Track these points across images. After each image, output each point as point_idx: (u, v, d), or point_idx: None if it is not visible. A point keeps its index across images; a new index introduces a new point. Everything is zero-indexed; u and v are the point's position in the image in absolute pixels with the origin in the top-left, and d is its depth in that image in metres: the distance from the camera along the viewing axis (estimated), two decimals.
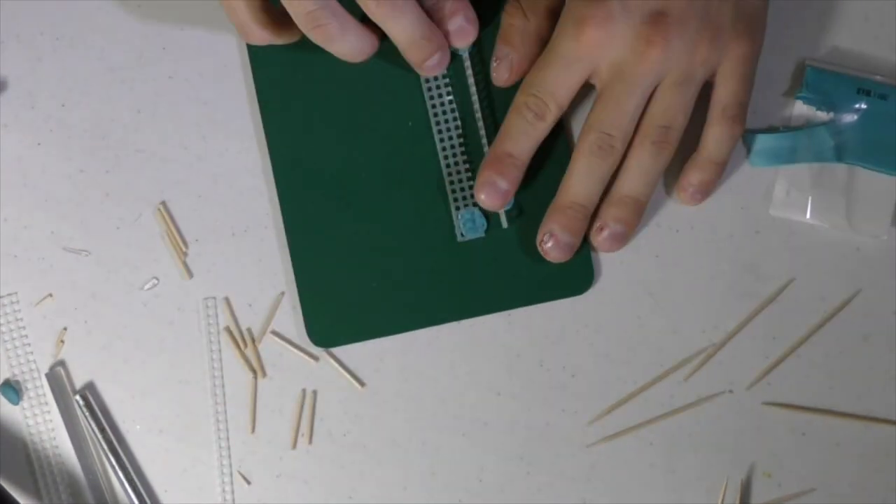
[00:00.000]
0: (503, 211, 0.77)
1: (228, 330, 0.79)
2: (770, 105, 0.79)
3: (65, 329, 0.79)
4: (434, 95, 0.78)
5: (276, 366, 0.79)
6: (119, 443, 0.78)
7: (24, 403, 0.79)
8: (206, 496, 0.78)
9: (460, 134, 0.78)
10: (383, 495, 0.78)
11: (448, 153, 0.78)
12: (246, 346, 0.79)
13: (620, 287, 0.78)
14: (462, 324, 0.78)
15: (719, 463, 0.78)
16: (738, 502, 0.78)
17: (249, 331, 0.79)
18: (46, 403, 0.79)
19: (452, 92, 0.78)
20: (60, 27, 0.79)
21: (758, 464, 0.78)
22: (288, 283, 0.78)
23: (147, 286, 0.79)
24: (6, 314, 0.79)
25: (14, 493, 0.78)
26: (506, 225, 0.77)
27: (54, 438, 0.78)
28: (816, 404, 0.78)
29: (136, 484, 0.78)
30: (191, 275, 0.78)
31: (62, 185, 0.79)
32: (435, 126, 0.78)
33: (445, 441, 0.78)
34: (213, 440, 0.79)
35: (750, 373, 0.78)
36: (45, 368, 0.79)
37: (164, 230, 0.78)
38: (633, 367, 0.78)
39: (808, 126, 0.78)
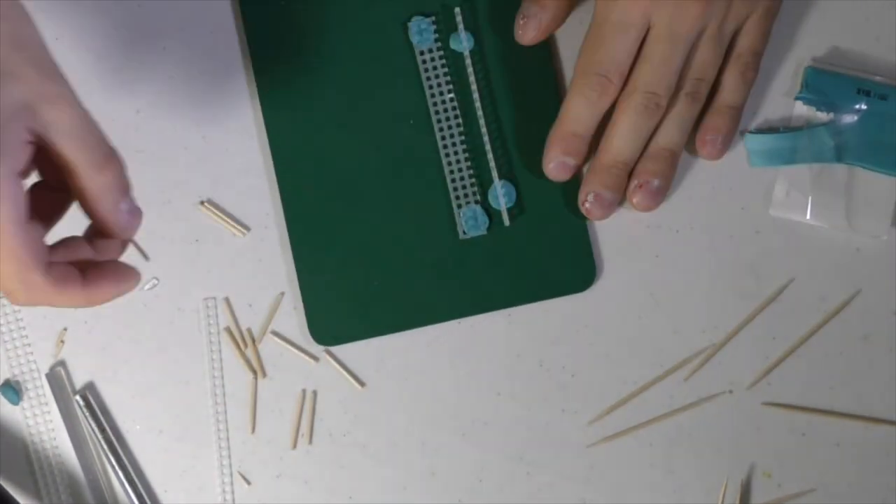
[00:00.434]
0: (505, 209, 0.77)
1: (228, 330, 0.79)
2: (770, 105, 0.79)
3: (65, 329, 0.79)
4: (435, 93, 0.78)
5: (276, 366, 0.79)
6: (119, 443, 0.78)
7: (25, 404, 0.79)
8: (206, 496, 0.78)
9: (462, 132, 0.78)
10: (383, 495, 0.78)
11: (449, 151, 0.78)
12: (246, 346, 0.79)
13: (621, 287, 0.78)
14: (462, 324, 0.78)
15: (719, 463, 0.78)
16: (737, 502, 0.78)
17: (249, 331, 0.79)
18: (46, 404, 0.79)
19: (454, 90, 0.78)
20: (60, 27, 0.79)
21: (758, 464, 0.78)
22: (288, 283, 0.78)
23: (147, 286, 0.79)
24: (6, 314, 0.79)
25: (14, 493, 0.78)
26: (508, 223, 0.77)
27: (54, 438, 0.78)
28: (816, 404, 0.78)
29: (136, 484, 0.78)
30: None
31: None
32: (436, 124, 0.78)
33: (445, 441, 0.78)
34: (213, 440, 0.78)
35: (750, 373, 0.78)
36: (46, 368, 0.79)
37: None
38: (633, 367, 0.78)
39: (808, 126, 0.78)
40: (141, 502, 0.78)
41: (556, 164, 0.76)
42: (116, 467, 0.78)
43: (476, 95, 0.77)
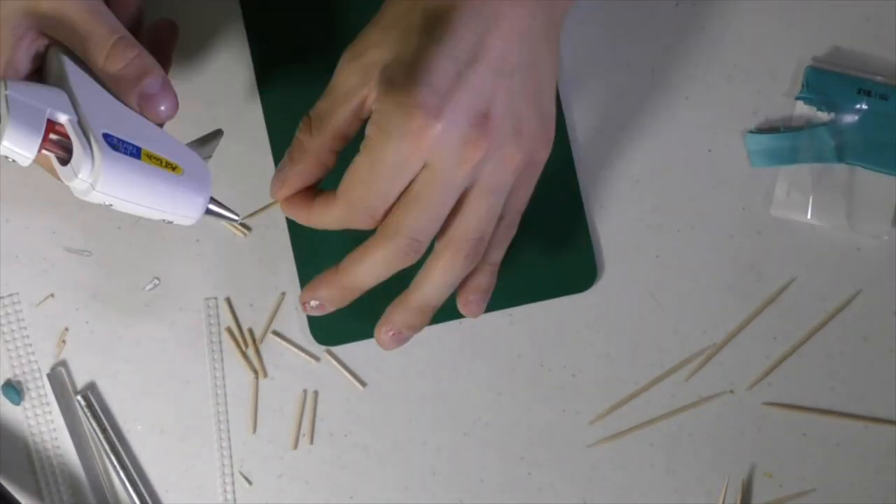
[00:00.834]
0: None
1: (230, 330, 0.79)
2: (771, 105, 0.79)
3: (66, 329, 0.79)
4: None
5: (277, 366, 0.79)
6: (120, 443, 0.78)
7: (26, 404, 0.79)
8: (207, 496, 0.78)
9: None
10: (384, 495, 0.78)
11: None
12: (247, 346, 0.79)
13: (621, 287, 0.78)
14: (463, 324, 0.78)
15: (720, 463, 0.78)
16: (738, 502, 0.78)
17: (251, 331, 0.79)
18: (48, 404, 0.79)
19: None
20: None
21: (758, 464, 0.78)
22: (289, 283, 0.78)
23: (148, 287, 0.79)
24: (7, 314, 0.79)
25: (16, 493, 0.78)
26: None
27: (56, 439, 0.78)
28: (817, 404, 0.78)
29: (137, 484, 0.78)
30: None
31: (63, 185, 0.79)
32: None
33: (446, 441, 0.78)
34: (215, 440, 0.79)
35: (751, 373, 0.78)
36: (47, 369, 0.79)
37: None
38: (633, 367, 0.78)
39: (808, 126, 0.78)
40: (142, 502, 0.78)
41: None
42: (118, 467, 0.78)
43: None
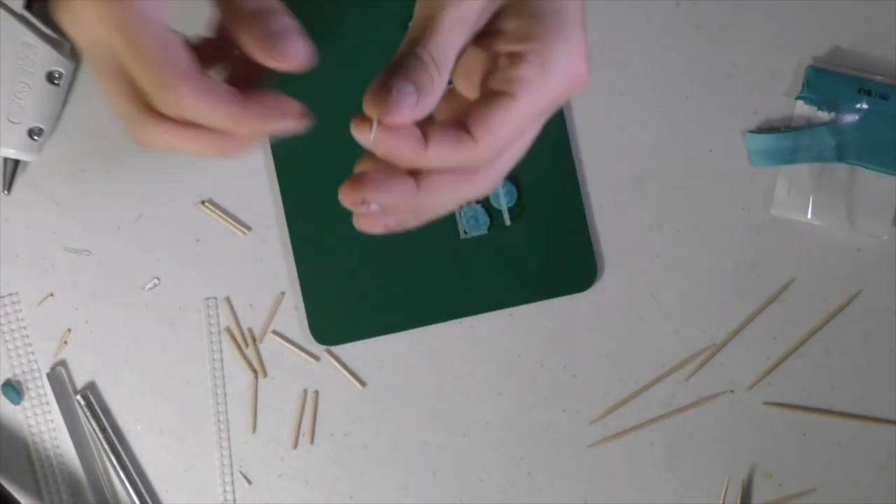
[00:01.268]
0: (506, 208, 0.77)
1: (229, 330, 0.79)
2: (771, 105, 0.79)
3: (69, 330, 0.79)
4: None
5: (277, 366, 0.79)
6: (120, 443, 0.78)
7: (26, 403, 0.79)
8: (207, 496, 0.78)
9: None
10: (384, 495, 0.78)
11: None
12: (247, 346, 0.79)
13: (622, 287, 0.78)
14: (463, 324, 0.78)
15: (720, 463, 0.78)
16: (738, 502, 0.78)
17: (250, 331, 0.79)
18: (47, 403, 0.79)
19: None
20: None
21: (759, 464, 0.78)
22: (289, 283, 0.78)
23: (148, 286, 0.79)
24: (7, 314, 0.79)
25: (15, 492, 0.78)
26: (509, 222, 0.77)
27: (55, 438, 0.78)
28: (817, 404, 0.78)
29: (137, 484, 0.78)
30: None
31: (63, 184, 0.79)
32: None
33: (446, 441, 0.78)
34: (214, 440, 0.79)
35: (751, 373, 0.78)
36: (47, 368, 0.79)
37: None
38: (634, 367, 0.78)
39: (809, 126, 0.78)
40: (142, 502, 0.78)
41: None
42: (117, 467, 0.78)
43: None
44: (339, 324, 0.78)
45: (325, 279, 0.78)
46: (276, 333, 0.79)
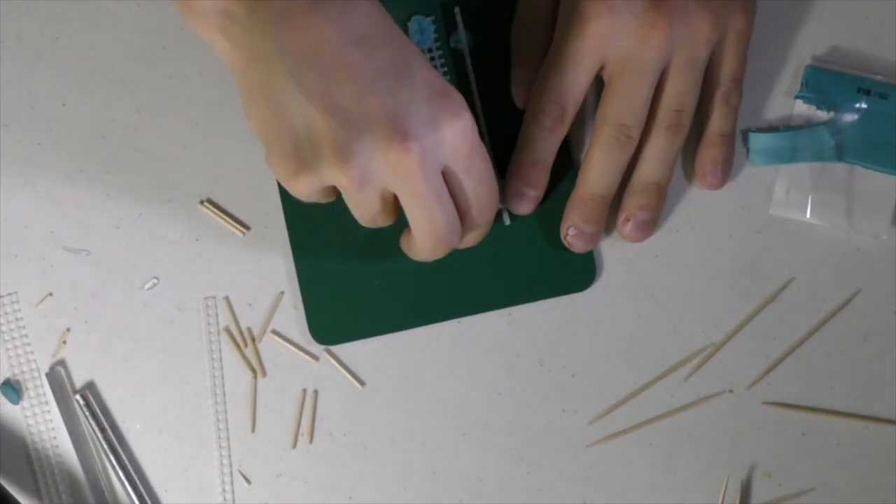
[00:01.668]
0: (506, 208, 0.77)
1: (228, 329, 0.79)
2: (770, 104, 0.79)
3: (68, 330, 0.79)
4: None
5: (276, 365, 0.79)
6: (119, 442, 0.78)
7: (25, 403, 0.79)
8: (207, 496, 0.78)
9: None
10: (383, 495, 0.78)
11: None
12: (246, 345, 0.79)
13: (621, 287, 0.78)
14: (462, 323, 0.78)
15: (719, 463, 0.78)
16: (738, 502, 0.78)
17: (249, 330, 0.79)
18: (46, 403, 0.79)
19: None
20: (60, 26, 0.79)
21: (758, 464, 0.78)
22: (288, 282, 0.78)
23: (147, 286, 0.79)
24: (6, 314, 0.79)
25: (14, 492, 0.78)
26: (508, 222, 0.77)
27: (54, 438, 0.78)
28: (816, 404, 0.78)
29: (136, 483, 0.78)
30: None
31: (62, 184, 0.79)
32: None
33: (446, 440, 0.78)
34: (214, 440, 0.78)
35: (750, 372, 0.78)
36: (46, 368, 0.79)
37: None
38: (633, 367, 0.78)
39: (808, 125, 0.78)
40: (141, 502, 0.78)
41: (514, 193, 0.76)
42: (116, 466, 0.78)
43: (476, 95, 0.77)
44: (339, 323, 0.78)
45: (324, 279, 0.78)
46: (275, 333, 0.79)
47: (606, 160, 0.74)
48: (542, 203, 0.77)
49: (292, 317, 0.79)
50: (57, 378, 0.79)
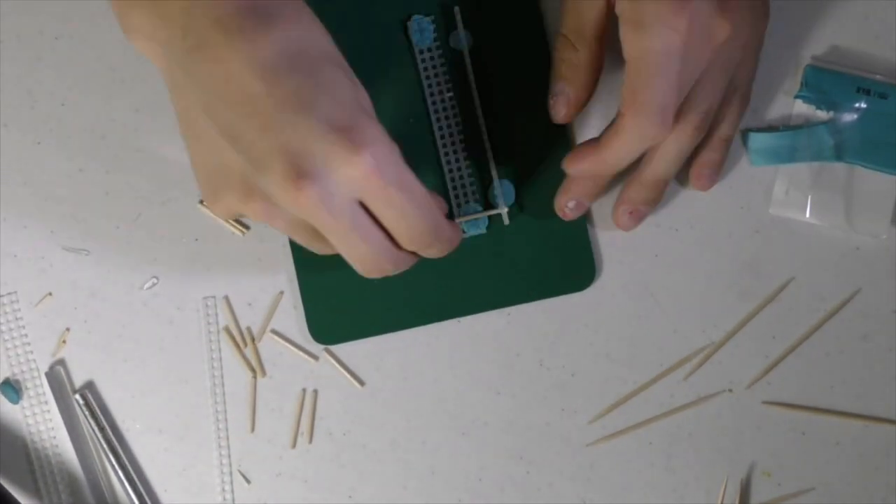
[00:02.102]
0: (505, 208, 0.77)
1: (228, 329, 0.79)
2: (770, 104, 0.79)
3: (68, 330, 0.79)
4: (434, 93, 0.78)
5: (275, 365, 0.79)
6: (119, 442, 0.78)
7: (24, 402, 0.79)
8: (206, 495, 0.78)
9: (461, 130, 0.78)
10: (383, 494, 0.78)
11: (449, 150, 0.78)
12: (246, 345, 0.79)
13: (620, 286, 0.78)
14: (462, 323, 0.78)
15: (719, 462, 0.78)
16: (737, 502, 0.78)
17: (249, 330, 0.79)
18: (46, 402, 0.79)
19: (453, 89, 0.78)
20: (60, 26, 0.79)
21: (757, 463, 0.78)
22: (288, 282, 0.78)
23: (147, 285, 0.79)
24: (6, 313, 0.79)
25: (14, 492, 0.78)
26: (507, 222, 0.77)
27: (54, 437, 0.78)
28: (816, 404, 0.78)
29: (135, 483, 0.78)
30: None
31: (62, 184, 0.79)
32: (435, 123, 0.78)
33: (445, 440, 0.78)
34: (213, 439, 0.78)
35: (750, 372, 0.78)
36: (45, 367, 0.79)
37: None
38: (632, 367, 0.78)
39: (807, 125, 0.78)
40: (141, 501, 0.78)
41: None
42: (116, 466, 0.78)
43: (475, 94, 0.77)
44: (338, 323, 0.78)
45: (323, 278, 0.78)
46: (274, 333, 0.79)
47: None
48: (542, 203, 0.77)
49: (292, 316, 0.79)
50: (56, 378, 0.79)
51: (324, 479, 0.78)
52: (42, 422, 0.78)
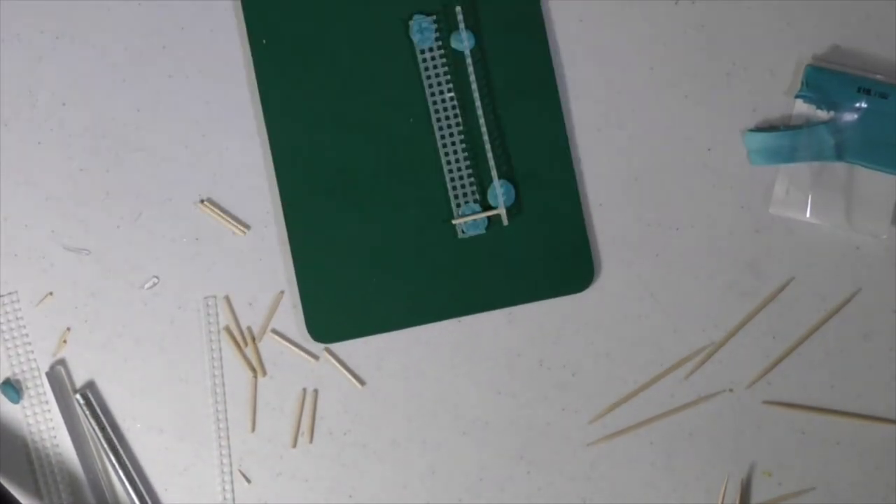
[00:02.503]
0: (504, 208, 0.77)
1: (228, 329, 0.79)
2: (770, 104, 0.79)
3: (68, 329, 0.79)
4: (435, 92, 0.78)
5: (276, 364, 0.79)
6: (119, 441, 0.78)
7: (25, 402, 0.79)
8: (207, 495, 0.78)
9: (461, 131, 0.78)
10: (383, 494, 0.78)
11: (449, 150, 0.78)
12: (246, 344, 0.79)
13: (621, 286, 0.78)
14: (462, 323, 0.78)
15: (719, 462, 0.78)
16: (738, 501, 0.78)
17: (249, 329, 0.79)
18: (47, 402, 0.79)
19: (453, 89, 0.78)
20: (61, 26, 0.79)
21: (758, 463, 0.78)
22: (288, 281, 0.78)
23: (147, 285, 0.79)
24: (6, 313, 0.79)
25: (14, 491, 0.78)
26: (506, 222, 0.77)
27: (55, 437, 0.78)
28: (816, 403, 0.78)
29: (136, 482, 0.78)
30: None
31: (63, 183, 0.79)
32: (436, 123, 0.78)
33: (445, 440, 0.78)
34: (214, 439, 0.79)
35: (750, 371, 0.78)
36: (46, 367, 0.79)
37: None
38: (633, 366, 0.78)
39: (808, 125, 0.78)
40: (141, 501, 0.78)
41: None
42: (117, 466, 0.78)
43: (476, 95, 0.77)
44: (336, 321, 0.78)
45: (322, 276, 0.78)
46: (275, 332, 0.79)
47: None
48: (542, 203, 0.77)
49: (292, 316, 0.79)
50: (57, 377, 0.79)
51: (324, 479, 0.79)
52: (42, 421, 0.78)
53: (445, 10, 0.78)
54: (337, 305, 0.78)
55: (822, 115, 0.78)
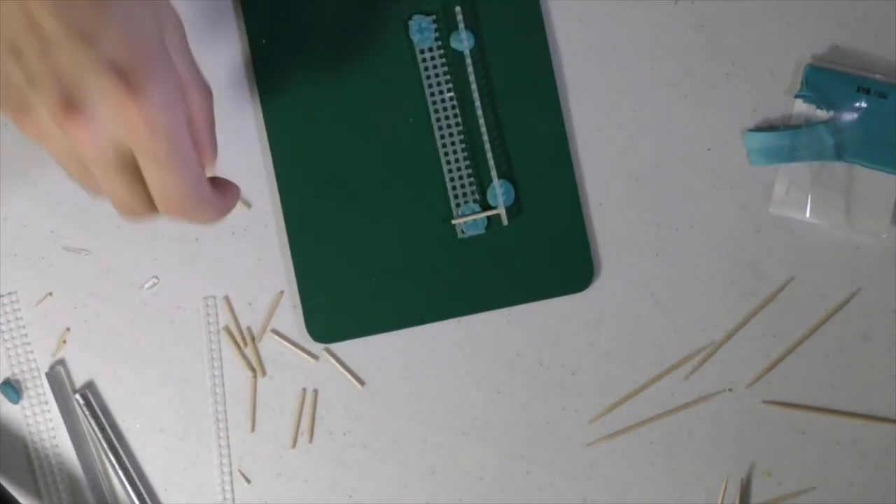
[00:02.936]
0: (504, 208, 0.77)
1: (228, 329, 0.79)
2: (770, 103, 0.79)
3: (68, 329, 0.79)
4: (435, 92, 0.78)
5: (276, 365, 0.79)
6: (119, 441, 0.78)
7: (24, 402, 0.79)
8: (206, 495, 0.78)
9: (461, 131, 0.78)
10: (383, 494, 0.78)
11: (449, 150, 0.78)
12: (246, 344, 0.79)
13: (620, 285, 0.78)
14: (462, 322, 0.78)
15: (719, 461, 0.78)
16: (737, 501, 0.78)
17: (249, 329, 0.79)
18: (46, 402, 0.79)
19: (453, 89, 0.78)
20: None
21: (758, 462, 0.78)
22: (288, 281, 0.78)
23: (147, 285, 0.79)
24: (6, 313, 0.79)
25: (14, 492, 0.78)
26: (506, 222, 0.77)
27: (54, 437, 0.78)
28: (816, 403, 0.78)
29: (136, 483, 0.78)
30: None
31: (62, 183, 0.79)
32: (436, 123, 0.78)
33: (446, 439, 0.78)
34: (213, 439, 0.79)
35: (750, 371, 0.78)
36: (45, 367, 0.79)
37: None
38: (633, 366, 0.78)
39: (807, 125, 0.78)
40: (141, 501, 0.78)
41: None
42: (116, 466, 0.78)
43: (476, 95, 0.77)
44: (335, 321, 0.78)
45: (321, 276, 0.78)
46: (274, 332, 0.79)
47: None
48: (541, 203, 0.77)
49: (292, 316, 0.79)
50: (57, 377, 0.79)
51: (324, 479, 0.79)
52: (42, 422, 0.78)
53: (445, 10, 0.78)
54: (337, 305, 0.78)
55: (822, 114, 0.78)
